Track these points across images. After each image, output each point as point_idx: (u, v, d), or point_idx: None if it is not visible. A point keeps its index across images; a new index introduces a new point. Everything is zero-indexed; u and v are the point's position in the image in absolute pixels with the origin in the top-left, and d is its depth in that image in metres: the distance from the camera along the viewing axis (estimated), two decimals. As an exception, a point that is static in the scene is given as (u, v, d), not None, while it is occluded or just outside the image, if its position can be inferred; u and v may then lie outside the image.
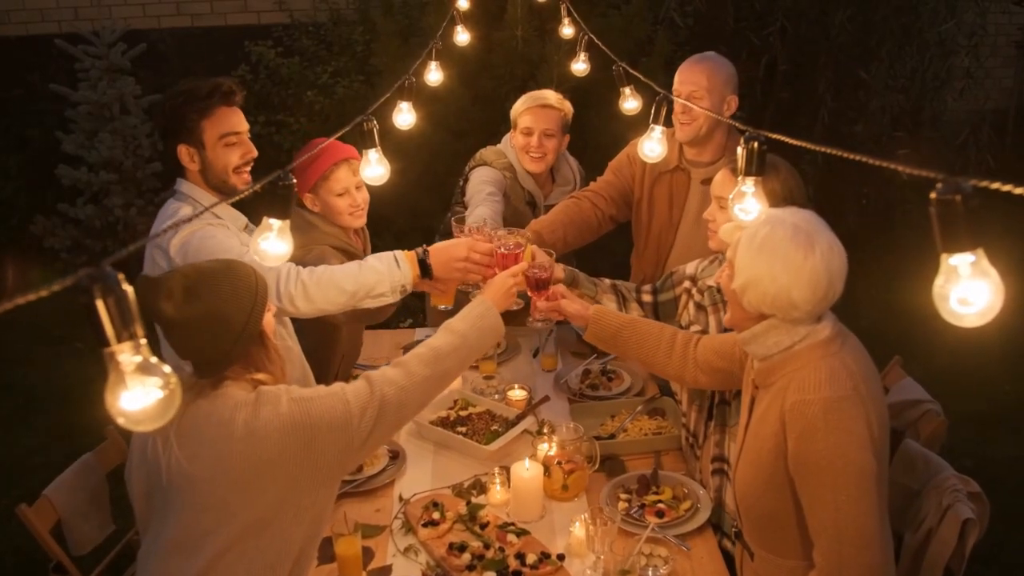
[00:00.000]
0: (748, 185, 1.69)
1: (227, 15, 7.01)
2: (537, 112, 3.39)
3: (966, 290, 0.98)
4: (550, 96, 3.43)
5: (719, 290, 2.56)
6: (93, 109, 6.03)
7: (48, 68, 6.40)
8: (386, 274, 2.40)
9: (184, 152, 2.53)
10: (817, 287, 1.86)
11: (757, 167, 1.64)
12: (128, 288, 0.92)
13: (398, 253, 2.45)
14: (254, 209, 2.03)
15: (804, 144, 1.29)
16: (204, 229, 2.43)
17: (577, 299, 2.60)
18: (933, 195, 0.94)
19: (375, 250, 2.74)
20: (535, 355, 3.45)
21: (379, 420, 1.91)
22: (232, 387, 1.85)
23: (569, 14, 3.72)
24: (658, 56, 5.02)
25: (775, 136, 1.52)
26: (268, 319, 1.92)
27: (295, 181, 1.57)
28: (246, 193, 2.45)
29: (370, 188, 2.90)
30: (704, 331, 2.59)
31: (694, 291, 2.68)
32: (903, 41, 5.86)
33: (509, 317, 3.75)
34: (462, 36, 3.73)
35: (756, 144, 1.61)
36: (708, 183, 2.74)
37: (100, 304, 0.89)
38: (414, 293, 2.73)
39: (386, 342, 3.62)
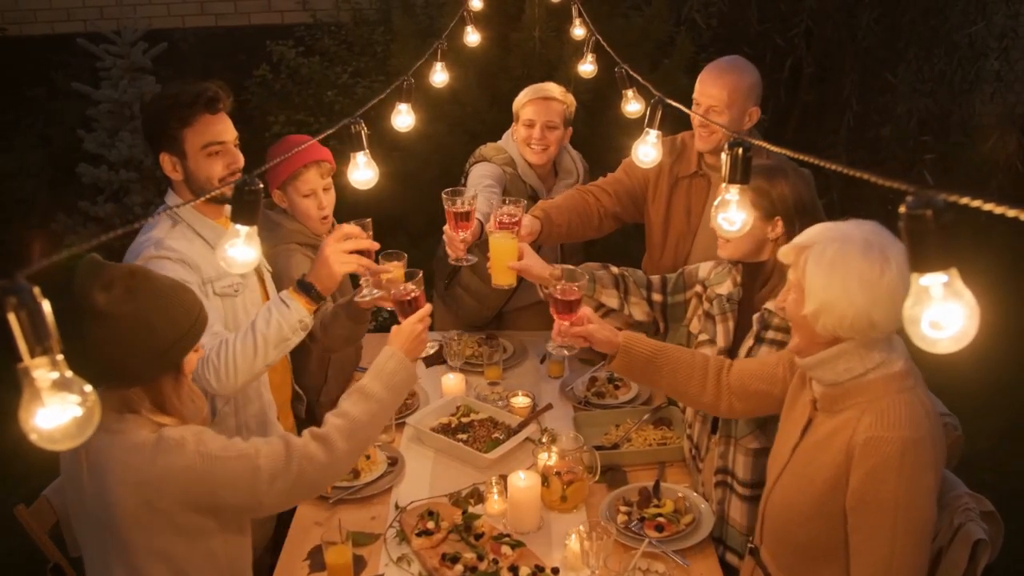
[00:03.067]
0: (732, 193, 1.62)
1: (251, 15, 7.05)
2: (540, 104, 3.34)
3: (938, 313, 0.91)
4: (553, 88, 3.39)
5: (728, 299, 2.48)
6: (114, 108, 6.06)
7: (71, 67, 6.46)
8: (278, 319, 2.27)
9: (167, 161, 2.44)
10: (896, 302, 1.73)
11: (742, 175, 1.57)
12: (44, 302, 0.88)
13: (283, 293, 2.33)
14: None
15: (785, 152, 1.24)
16: (160, 262, 2.33)
17: (606, 324, 2.40)
18: (902, 209, 0.88)
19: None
20: (542, 361, 3.40)
21: (291, 492, 1.92)
22: (133, 424, 1.80)
23: (580, 15, 3.67)
24: (679, 57, 4.93)
25: (758, 143, 1.47)
26: (192, 359, 1.87)
27: (261, 185, 1.54)
28: (209, 197, 2.39)
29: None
30: (711, 340, 2.51)
31: (704, 299, 2.61)
32: (931, 43, 5.76)
33: (520, 322, 3.75)
34: (472, 36, 3.69)
35: (740, 151, 1.54)
36: None
37: (13, 318, 0.86)
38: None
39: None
